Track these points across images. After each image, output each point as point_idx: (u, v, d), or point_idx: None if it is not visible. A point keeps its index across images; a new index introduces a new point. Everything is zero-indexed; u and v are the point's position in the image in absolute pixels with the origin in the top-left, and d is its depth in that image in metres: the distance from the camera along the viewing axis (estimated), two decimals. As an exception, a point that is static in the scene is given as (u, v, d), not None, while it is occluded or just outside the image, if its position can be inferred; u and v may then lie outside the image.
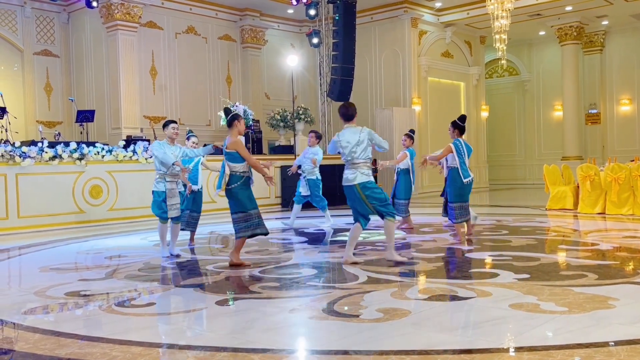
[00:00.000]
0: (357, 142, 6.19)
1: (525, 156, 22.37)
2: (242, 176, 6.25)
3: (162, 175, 7.00)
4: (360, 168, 6.19)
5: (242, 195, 6.22)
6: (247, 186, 6.29)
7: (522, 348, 3.44)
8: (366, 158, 6.21)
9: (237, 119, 6.32)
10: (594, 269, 5.66)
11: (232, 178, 6.22)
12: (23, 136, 14.30)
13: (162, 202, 7.02)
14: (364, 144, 6.20)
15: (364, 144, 6.20)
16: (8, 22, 15.56)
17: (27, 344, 3.78)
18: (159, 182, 7.04)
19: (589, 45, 20.41)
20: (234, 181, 6.22)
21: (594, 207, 10.96)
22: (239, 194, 6.21)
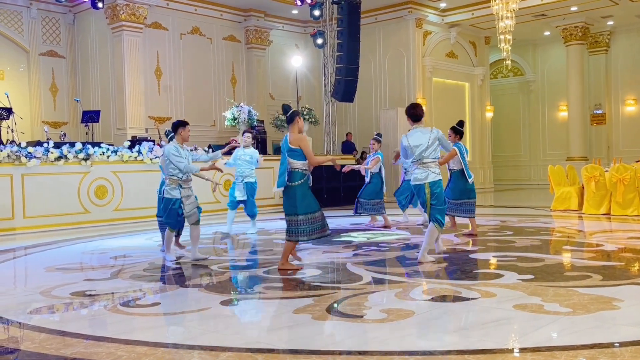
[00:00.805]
0: (429, 144, 6.24)
1: (530, 157, 22.33)
2: (304, 174, 6.08)
3: (176, 182, 6.64)
4: (430, 167, 6.28)
5: (306, 195, 6.05)
6: (308, 185, 6.12)
7: (526, 349, 3.44)
8: (435, 158, 6.33)
9: (297, 115, 6.17)
10: (599, 269, 5.65)
11: (293, 175, 6.03)
12: (29, 136, 14.38)
13: (178, 210, 6.62)
14: (435, 145, 6.29)
15: (435, 145, 6.29)
16: (14, 22, 15.63)
17: (33, 343, 3.80)
18: (173, 188, 6.63)
19: (594, 46, 20.36)
20: (297, 178, 6.02)
21: (599, 207, 10.93)
22: (298, 193, 6.01)
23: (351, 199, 14.89)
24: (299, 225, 5.97)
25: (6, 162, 10.09)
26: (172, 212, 6.66)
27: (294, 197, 5.98)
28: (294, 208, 5.98)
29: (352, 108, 18.52)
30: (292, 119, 6.09)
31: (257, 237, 8.96)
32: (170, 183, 6.66)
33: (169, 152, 6.62)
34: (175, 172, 6.62)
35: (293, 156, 6.02)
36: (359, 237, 8.61)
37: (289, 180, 6.01)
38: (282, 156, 6.13)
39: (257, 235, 9.17)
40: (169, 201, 6.66)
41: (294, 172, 6.03)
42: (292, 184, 5.99)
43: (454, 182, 8.37)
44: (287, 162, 6.05)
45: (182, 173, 6.65)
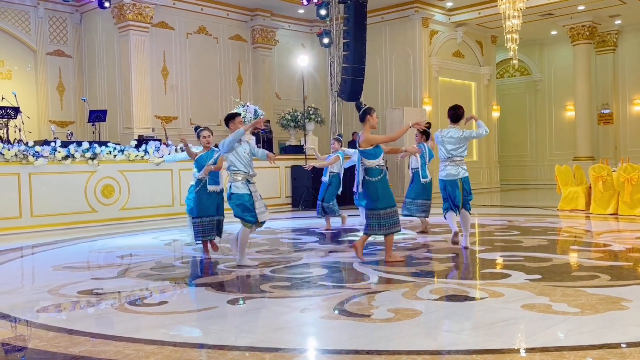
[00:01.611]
0: (460, 143, 6.99)
1: (536, 156, 22.25)
2: (382, 170, 6.28)
3: (244, 177, 6.32)
4: (461, 165, 7.04)
5: (386, 189, 6.29)
6: (387, 179, 6.38)
7: (535, 349, 3.43)
8: (463, 156, 7.09)
9: (369, 113, 6.29)
10: (607, 270, 5.62)
11: (371, 172, 6.25)
12: (36, 136, 14.44)
13: (251, 204, 6.30)
14: (465, 144, 7.04)
15: (465, 144, 7.04)
16: (21, 22, 15.70)
17: (42, 341, 3.82)
18: (243, 184, 6.30)
19: (602, 45, 20.27)
20: (375, 174, 6.25)
21: (607, 207, 10.88)
22: (379, 188, 6.22)
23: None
24: (380, 219, 6.22)
25: (14, 161, 10.13)
26: (247, 206, 6.28)
27: (375, 192, 6.21)
28: (374, 203, 6.22)
29: (358, 107, 18.47)
30: (363, 117, 6.30)
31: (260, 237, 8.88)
32: (239, 178, 6.32)
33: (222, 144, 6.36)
34: (239, 166, 6.32)
35: (367, 157, 6.26)
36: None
37: (368, 175, 6.25)
38: (356, 155, 6.54)
39: None
40: (241, 196, 6.28)
41: (371, 169, 6.25)
42: (372, 179, 6.24)
43: (415, 181, 8.74)
44: (360, 160, 6.33)
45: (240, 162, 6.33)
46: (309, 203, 13.89)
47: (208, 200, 6.92)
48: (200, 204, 6.91)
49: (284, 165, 14.36)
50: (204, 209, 6.91)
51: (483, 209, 13.21)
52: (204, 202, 6.91)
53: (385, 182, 6.33)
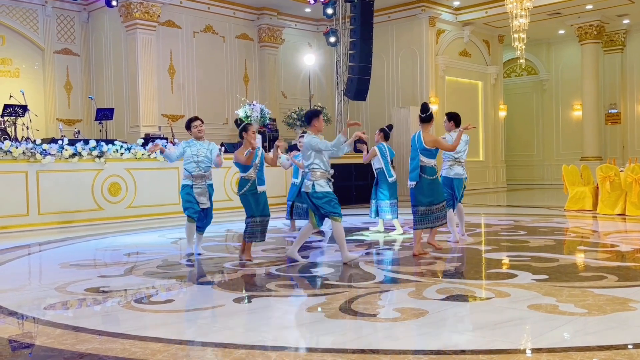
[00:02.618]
0: (466, 146, 7.64)
1: (543, 156, 22.17)
2: (435, 169, 6.77)
3: (325, 175, 6.27)
4: (464, 165, 7.73)
5: (440, 187, 6.84)
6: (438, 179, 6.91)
7: (542, 349, 3.42)
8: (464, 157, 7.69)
9: (433, 117, 6.83)
10: (614, 270, 5.60)
11: (428, 170, 6.69)
12: (43, 134, 14.49)
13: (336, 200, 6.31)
14: (467, 147, 7.64)
15: (467, 147, 7.64)
16: (29, 21, 15.77)
17: (49, 338, 3.83)
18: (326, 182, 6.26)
19: (610, 45, 20.17)
20: (432, 173, 6.71)
21: (614, 208, 10.83)
22: (437, 186, 6.76)
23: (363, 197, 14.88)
24: (432, 214, 6.65)
25: (21, 159, 10.18)
26: (336, 202, 6.24)
27: (430, 189, 6.65)
28: (429, 198, 6.64)
29: (365, 107, 18.48)
30: (429, 118, 6.74)
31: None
32: (322, 177, 6.23)
33: (315, 141, 6.19)
34: (320, 164, 6.22)
35: (428, 155, 6.68)
36: (371, 236, 8.60)
37: (424, 173, 6.66)
38: (414, 152, 6.77)
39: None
40: (327, 193, 6.21)
41: (428, 167, 6.70)
42: (429, 178, 6.69)
43: (381, 181, 8.78)
44: (419, 158, 6.67)
45: (339, 152, 6.31)
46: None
47: (261, 199, 6.64)
48: (256, 204, 6.56)
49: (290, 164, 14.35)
50: (259, 208, 6.59)
51: (489, 208, 13.17)
52: (259, 201, 6.59)
53: (437, 180, 6.88)
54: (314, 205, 6.25)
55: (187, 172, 7.03)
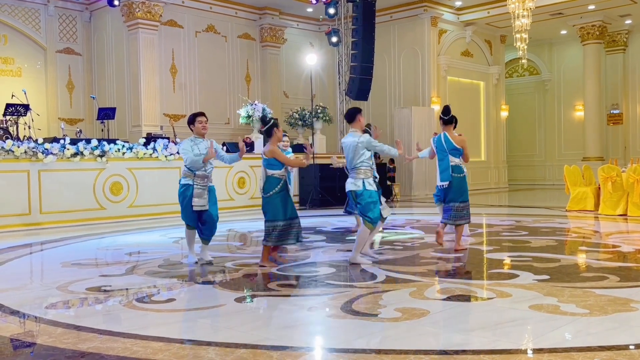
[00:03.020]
0: None
1: (545, 156, 22.15)
2: (462, 167, 7.04)
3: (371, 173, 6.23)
4: None
5: (467, 185, 7.06)
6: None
7: (543, 350, 3.41)
8: None
9: (455, 119, 7.00)
10: (616, 271, 5.59)
11: (458, 169, 6.98)
12: (45, 133, 14.51)
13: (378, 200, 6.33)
14: None
15: None
16: (32, 20, 15.79)
17: (50, 337, 3.84)
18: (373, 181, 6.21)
19: (612, 45, 20.15)
20: (461, 171, 7.01)
21: (616, 208, 10.81)
22: (463, 183, 7.00)
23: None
24: (464, 210, 6.93)
25: (23, 158, 10.20)
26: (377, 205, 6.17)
27: (461, 186, 6.96)
28: (462, 196, 6.93)
29: (366, 107, 18.46)
30: (452, 120, 6.97)
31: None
32: (371, 175, 6.19)
33: (369, 140, 6.18)
34: (370, 163, 6.19)
35: (456, 155, 6.96)
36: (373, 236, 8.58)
37: (455, 172, 6.92)
38: (442, 154, 7.02)
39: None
40: (374, 193, 6.13)
41: (457, 166, 6.95)
42: (460, 176, 6.97)
43: None
44: (448, 158, 6.94)
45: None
46: (316, 202, 13.90)
47: (290, 200, 6.27)
48: (284, 206, 6.14)
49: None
50: (287, 210, 6.16)
51: (491, 209, 13.16)
52: (288, 202, 6.20)
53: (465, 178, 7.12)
54: (355, 202, 6.27)
55: (190, 170, 6.41)
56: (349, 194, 6.34)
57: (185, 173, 6.50)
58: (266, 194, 6.13)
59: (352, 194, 6.25)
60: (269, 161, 6.13)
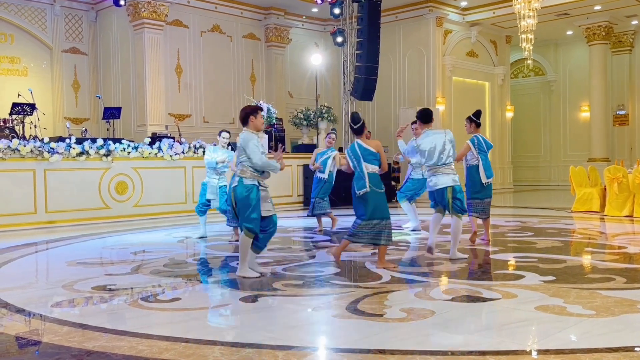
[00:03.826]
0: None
1: (550, 157, 22.08)
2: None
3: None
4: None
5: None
6: None
7: (549, 351, 3.40)
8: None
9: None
10: (622, 272, 5.57)
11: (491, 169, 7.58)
12: (51, 132, 14.56)
13: None
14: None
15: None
16: (38, 20, 15.84)
17: (56, 336, 3.85)
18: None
19: (618, 45, 20.07)
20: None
21: (622, 209, 10.77)
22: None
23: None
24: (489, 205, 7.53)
25: (29, 157, 10.23)
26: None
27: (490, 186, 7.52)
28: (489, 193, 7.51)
29: (371, 107, 18.46)
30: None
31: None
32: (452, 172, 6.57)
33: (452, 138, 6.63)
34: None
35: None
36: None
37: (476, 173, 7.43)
38: (484, 154, 7.46)
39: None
40: (450, 190, 6.47)
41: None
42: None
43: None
44: (487, 158, 7.45)
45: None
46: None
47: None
48: (383, 202, 6.06)
49: (296, 164, 14.38)
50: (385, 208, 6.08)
51: (496, 209, 13.12)
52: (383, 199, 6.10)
53: None
54: (453, 199, 6.51)
55: (256, 170, 5.66)
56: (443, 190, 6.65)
57: (251, 173, 5.61)
58: (380, 189, 6.02)
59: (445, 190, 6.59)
60: (376, 156, 6.02)
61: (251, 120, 5.64)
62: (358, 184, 6.02)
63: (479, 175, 7.45)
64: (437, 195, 6.56)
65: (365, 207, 5.95)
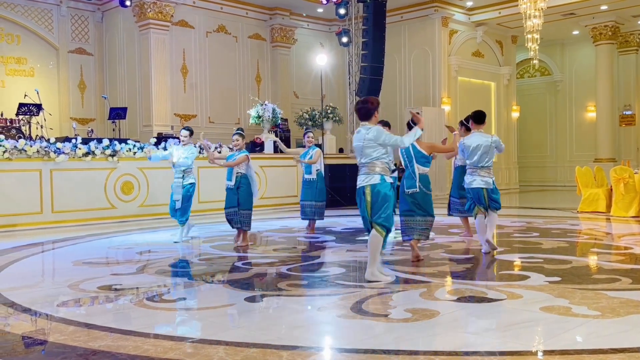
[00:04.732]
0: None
1: (556, 158, 22.01)
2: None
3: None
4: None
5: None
6: None
7: (554, 351, 3.39)
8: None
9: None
10: (628, 273, 5.55)
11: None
12: (57, 133, 14.62)
13: None
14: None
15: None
16: (44, 20, 15.90)
17: (62, 335, 3.86)
18: None
19: (624, 45, 19.99)
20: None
21: (628, 210, 10.73)
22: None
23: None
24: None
25: (36, 157, 10.27)
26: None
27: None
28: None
29: (377, 107, 18.43)
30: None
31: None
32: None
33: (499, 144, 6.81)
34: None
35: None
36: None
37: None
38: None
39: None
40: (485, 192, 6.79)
41: None
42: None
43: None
44: None
45: None
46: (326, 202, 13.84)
47: None
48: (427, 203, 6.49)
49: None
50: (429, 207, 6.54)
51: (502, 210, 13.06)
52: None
53: None
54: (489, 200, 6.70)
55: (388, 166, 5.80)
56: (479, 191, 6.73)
57: (386, 169, 5.41)
58: (429, 190, 6.43)
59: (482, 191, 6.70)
60: (427, 158, 6.40)
61: (375, 116, 5.45)
62: (408, 182, 6.38)
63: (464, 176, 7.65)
64: (473, 194, 6.80)
65: (411, 204, 6.34)
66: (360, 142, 5.26)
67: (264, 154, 13.94)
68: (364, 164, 5.28)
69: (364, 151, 5.25)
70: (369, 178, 5.26)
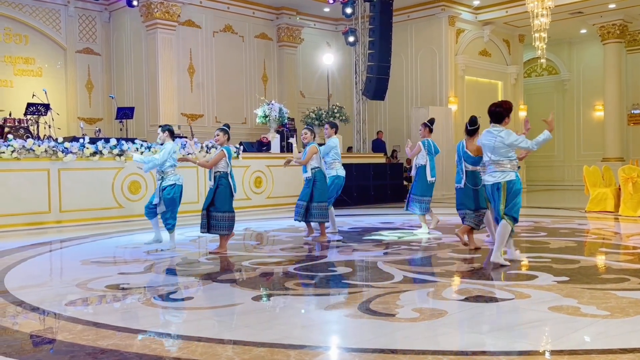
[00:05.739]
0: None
1: (564, 157, 21.92)
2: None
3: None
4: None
5: None
6: None
7: (563, 351, 3.37)
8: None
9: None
10: (636, 272, 5.51)
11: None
12: (65, 132, 14.68)
13: None
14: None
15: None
16: (52, 20, 15.98)
17: (70, 334, 3.88)
18: None
19: (633, 44, 19.88)
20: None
21: (636, 209, 10.66)
22: None
23: (381, 197, 14.83)
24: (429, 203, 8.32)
25: (43, 157, 10.32)
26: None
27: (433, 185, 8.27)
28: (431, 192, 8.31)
29: (383, 106, 18.44)
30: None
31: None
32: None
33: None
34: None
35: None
36: (390, 236, 8.57)
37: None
38: (432, 156, 8.06)
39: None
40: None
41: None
42: None
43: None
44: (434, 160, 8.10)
45: None
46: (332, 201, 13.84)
47: None
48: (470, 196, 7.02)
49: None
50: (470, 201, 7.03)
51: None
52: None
53: None
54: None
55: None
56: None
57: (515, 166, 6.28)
58: (475, 186, 6.99)
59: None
60: (474, 159, 6.95)
61: (505, 121, 6.18)
62: (457, 177, 7.09)
63: (426, 174, 8.49)
64: (487, 192, 6.62)
65: (461, 197, 6.99)
66: (490, 141, 5.99)
67: (270, 154, 13.94)
68: (494, 162, 6.00)
69: (496, 150, 5.96)
70: (504, 175, 5.99)
